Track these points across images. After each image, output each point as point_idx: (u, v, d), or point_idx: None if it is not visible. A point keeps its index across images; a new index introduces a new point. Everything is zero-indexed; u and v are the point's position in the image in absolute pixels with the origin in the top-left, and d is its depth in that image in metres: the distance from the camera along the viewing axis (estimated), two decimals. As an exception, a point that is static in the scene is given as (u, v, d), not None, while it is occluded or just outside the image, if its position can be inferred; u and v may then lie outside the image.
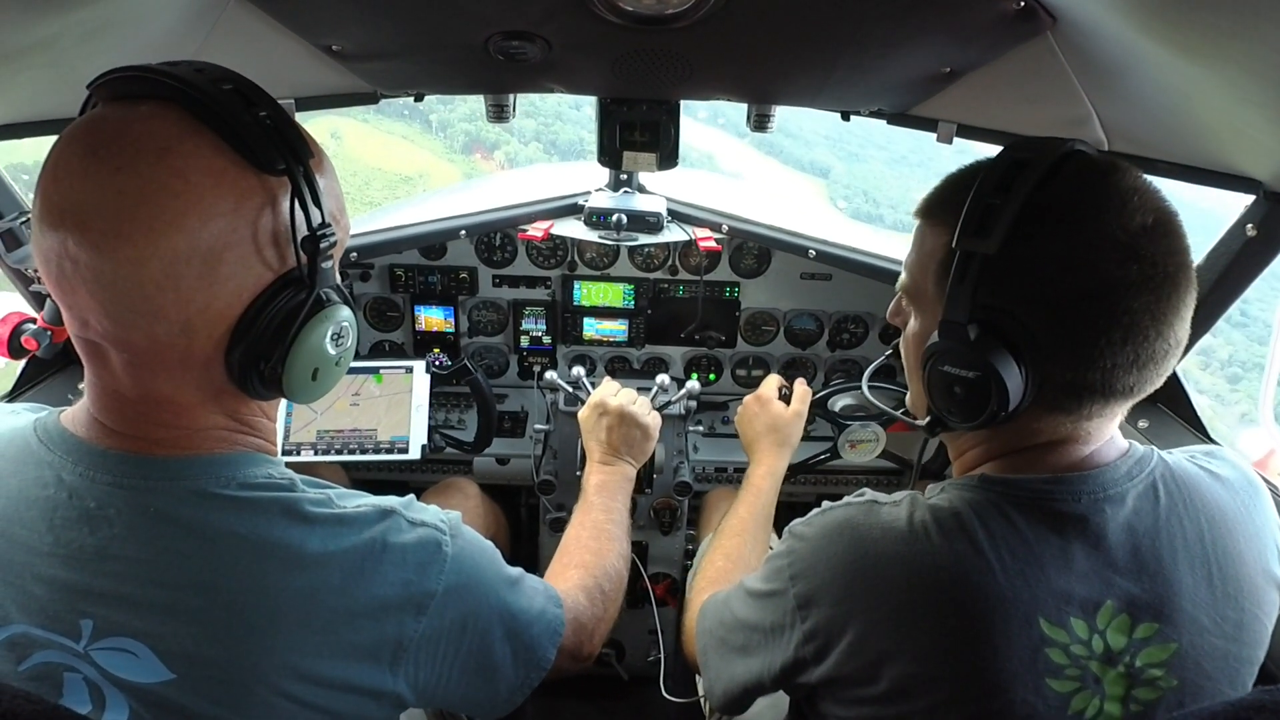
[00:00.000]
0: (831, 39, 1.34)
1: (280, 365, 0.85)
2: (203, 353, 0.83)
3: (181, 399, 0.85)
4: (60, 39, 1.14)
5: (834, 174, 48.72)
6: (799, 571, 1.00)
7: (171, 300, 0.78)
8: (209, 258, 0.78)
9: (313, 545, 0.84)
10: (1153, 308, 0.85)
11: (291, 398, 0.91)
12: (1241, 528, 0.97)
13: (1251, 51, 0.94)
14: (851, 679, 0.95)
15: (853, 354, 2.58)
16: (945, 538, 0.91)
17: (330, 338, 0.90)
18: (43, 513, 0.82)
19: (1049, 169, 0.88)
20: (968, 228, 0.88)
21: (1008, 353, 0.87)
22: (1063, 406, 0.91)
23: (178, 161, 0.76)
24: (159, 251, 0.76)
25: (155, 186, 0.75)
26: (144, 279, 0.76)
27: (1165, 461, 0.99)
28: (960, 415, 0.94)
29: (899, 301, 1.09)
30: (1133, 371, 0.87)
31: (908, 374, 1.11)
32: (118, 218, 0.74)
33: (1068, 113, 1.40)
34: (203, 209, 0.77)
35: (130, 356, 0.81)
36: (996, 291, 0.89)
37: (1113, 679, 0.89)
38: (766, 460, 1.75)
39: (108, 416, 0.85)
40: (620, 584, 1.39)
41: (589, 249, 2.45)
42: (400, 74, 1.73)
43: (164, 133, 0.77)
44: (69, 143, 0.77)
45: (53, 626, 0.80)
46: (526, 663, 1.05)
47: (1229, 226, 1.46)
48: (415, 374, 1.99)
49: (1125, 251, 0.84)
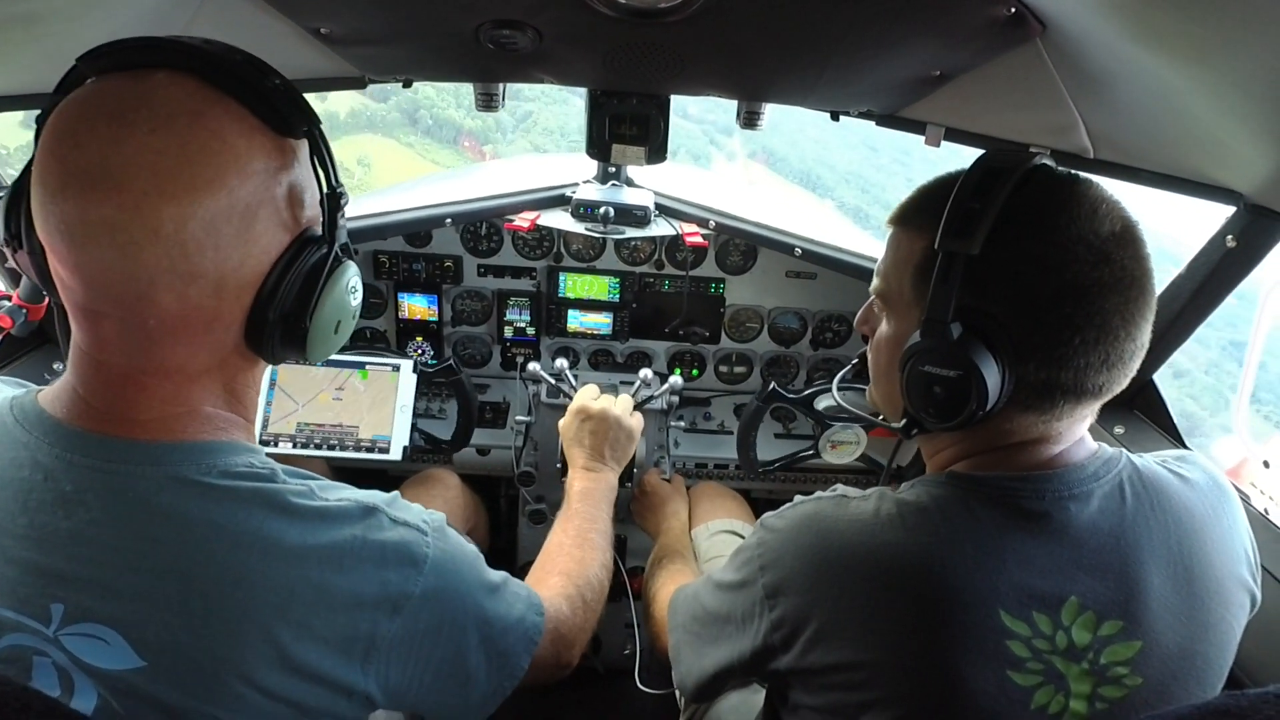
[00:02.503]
0: (823, 38, 1.34)
1: (309, 319, 0.89)
2: (229, 314, 0.85)
3: (190, 368, 0.85)
4: (44, 14, 1.12)
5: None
6: (768, 562, 1.02)
7: (210, 259, 0.79)
8: (246, 216, 0.81)
9: (291, 537, 0.83)
10: (1122, 309, 0.89)
11: (310, 354, 0.93)
12: (1210, 531, 0.99)
13: (1235, 64, 0.96)
14: (816, 667, 0.96)
15: (835, 353, 2.60)
16: (907, 529, 0.93)
17: (349, 290, 0.95)
18: (17, 494, 0.80)
19: (1023, 176, 0.91)
20: (949, 230, 0.91)
21: (987, 351, 0.90)
22: (1035, 406, 0.94)
23: (212, 123, 0.78)
24: (201, 210, 0.77)
25: (196, 146, 0.77)
26: (185, 238, 0.77)
27: (1133, 463, 1.01)
28: (938, 415, 0.95)
29: (869, 309, 1.12)
30: (1103, 371, 0.91)
31: (877, 378, 1.12)
32: (157, 176, 0.75)
33: (1054, 119, 1.41)
34: (239, 168, 0.79)
35: (152, 323, 0.80)
36: (977, 292, 0.91)
37: (1077, 675, 0.90)
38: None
39: (95, 395, 0.84)
40: (601, 594, 1.40)
41: (575, 241, 2.44)
42: (389, 59, 1.71)
43: (190, 97, 0.78)
44: (84, 108, 0.76)
45: (22, 609, 0.78)
46: (500, 671, 1.05)
47: (1210, 237, 1.48)
48: (402, 373, 1.97)
49: (1097, 255, 0.88)
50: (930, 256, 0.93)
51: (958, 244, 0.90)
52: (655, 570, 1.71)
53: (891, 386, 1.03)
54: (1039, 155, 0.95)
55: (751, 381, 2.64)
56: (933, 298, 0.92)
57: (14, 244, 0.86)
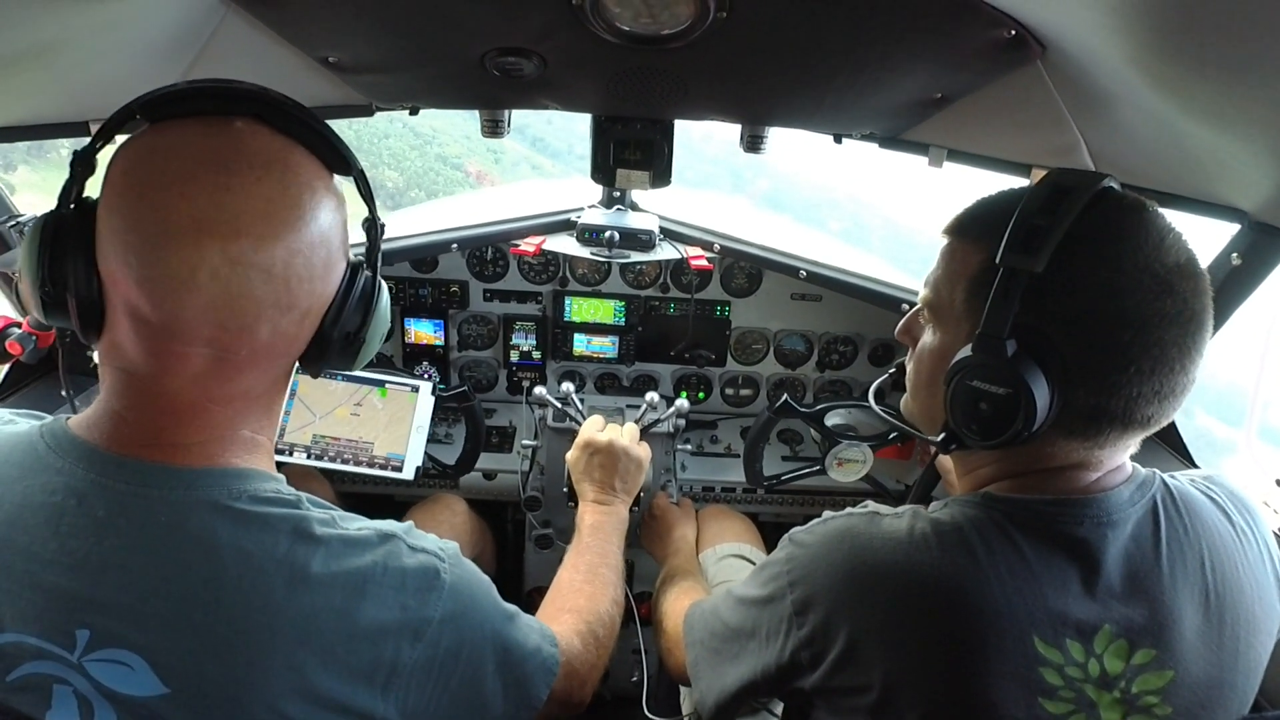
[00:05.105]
0: (825, 62, 1.35)
1: (364, 334, 0.98)
2: (302, 339, 0.92)
3: (255, 391, 0.91)
4: (55, 45, 1.14)
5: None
6: (798, 577, 1.00)
7: (304, 291, 0.88)
8: (328, 248, 0.89)
9: (316, 565, 0.84)
10: (1181, 341, 0.87)
11: (359, 362, 1.02)
12: (1240, 555, 0.98)
13: (1236, 83, 0.96)
14: (844, 687, 0.94)
15: (842, 375, 2.59)
16: (943, 549, 0.91)
17: (388, 306, 1.04)
18: (49, 520, 0.80)
19: (1093, 197, 0.89)
20: (1013, 245, 0.89)
21: (1040, 371, 0.88)
22: (1080, 432, 0.92)
23: (296, 168, 0.86)
24: (300, 246, 0.85)
25: (294, 191, 0.85)
26: (289, 274, 0.84)
27: (1166, 485, 0.99)
28: (982, 433, 0.93)
29: (915, 317, 1.10)
30: (1154, 402, 0.89)
31: (916, 389, 1.09)
32: (269, 221, 0.82)
33: (1056, 140, 1.42)
34: (320, 206, 0.87)
35: (244, 354, 0.86)
36: (1035, 311, 0.89)
37: (1108, 704, 0.88)
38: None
39: (147, 420, 0.85)
40: (613, 630, 1.39)
41: (581, 265, 2.45)
42: (396, 87, 1.73)
43: (273, 146, 0.85)
44: (178, 158, 0.80)
45: (48, 635, 0.78)
46: (517, 699, 1.04)
47: (1214, 256, 1.48)
48: (420, 395, 1.97)
49: (1161, 285, 0.86)
50: (988, 270, 0.92)
51: (1021, 260, 0.88)
52: (666, 588, 1.70)
53: (933, 400, 1.02)
54: (1108, 178, 0.93)
55: (758, 404, 2.63)
56: (989, 313, 0.90)
57: (58, 290, 0.84)
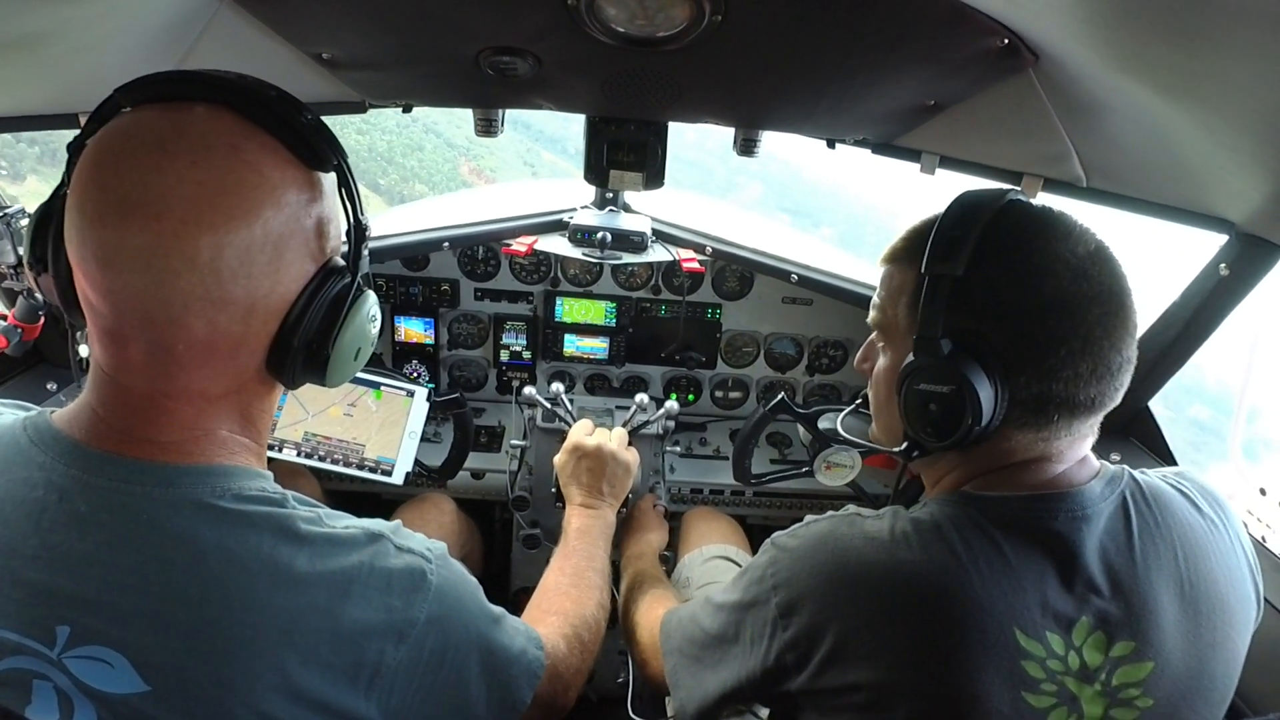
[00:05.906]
0: (820, 68, 1.36)
1: (331, 346, 0.91)
2: (255, 340, 0.86)
3: (212, 391, 0.86)
4: (47, 37, 1.13)
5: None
6: (782, 580, 1.01)
7: (242, 287, 0.81)
8: (277, 246, 0.83)
9: (301, 564, 0.83)
10: (1104, 321, 0.92)
11: (329, 379, 0.94)
12: (1212, 546, 1.00)
13: (1225, 96, 0.97)
14: (832, 687, 0.95)
15: (831, 379, 2.60)
16: (924, 546, 0.94)
17: (370, 319, 0.97)
18: (30, 515, 0.79)
19: (1000, 209, 0.97)
20: (935, 255, 0.96)
21: (979, 366, 0.93)
22: (1032, 423, 0.96)
23: (248, 156, 0.81)
24: (236, 239, 0.79)
25: (233, 178, 0.79)
26: (220, 266, 0.79)
27: (1136, 480, 1.02)
28: (936, 433, 0.97)
29: (869, 346, 1.16)
30: (1093, 383, 0.93)
31: (878, 410, 1.15)
32: (196, 206, 0.77)
33: (1048, 148, 1.43)
34: (273, 200, 0.82)
35: (181, 348, 0.81)
36: (964, 311, 0.95)
37: (1090, 697, 0.90)
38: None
39: (116, 416, 0.84)
40: (598, 634, 1.38)
41: (572, 266, 2.45)
42: (389, 84, 1.73)
43: (227, 131, 0.81)
44: (124, 137, 0.78)
45: (27, 631, 0.77)
46: (502, 702, 1.03)
47: (1203, 267, 1.49)
48: (415, 400, 1.96)
49: (1075, 271, 0.92)
50: (920, 284, 0.98)
51: (943, 267, 0.96)
52: (635, 596, 1.69)
53: (892, 415, 1.05)
54: (1014, 191, 1.01)
55: (747, 407, 2.63)
56: (922, 317, 0.97)
57: (39, 267, 0.87)
